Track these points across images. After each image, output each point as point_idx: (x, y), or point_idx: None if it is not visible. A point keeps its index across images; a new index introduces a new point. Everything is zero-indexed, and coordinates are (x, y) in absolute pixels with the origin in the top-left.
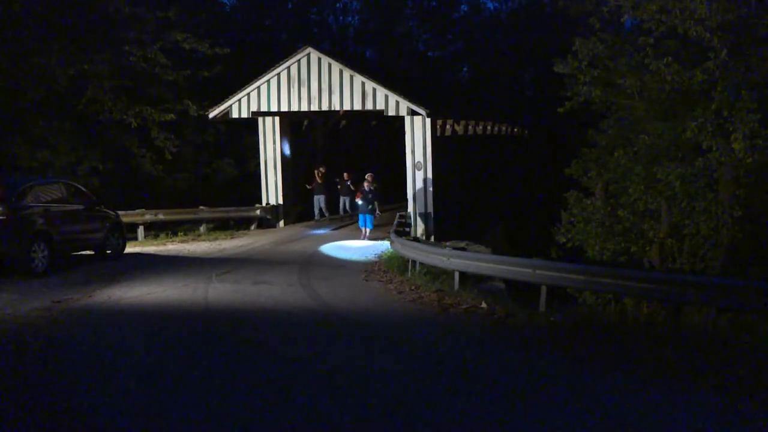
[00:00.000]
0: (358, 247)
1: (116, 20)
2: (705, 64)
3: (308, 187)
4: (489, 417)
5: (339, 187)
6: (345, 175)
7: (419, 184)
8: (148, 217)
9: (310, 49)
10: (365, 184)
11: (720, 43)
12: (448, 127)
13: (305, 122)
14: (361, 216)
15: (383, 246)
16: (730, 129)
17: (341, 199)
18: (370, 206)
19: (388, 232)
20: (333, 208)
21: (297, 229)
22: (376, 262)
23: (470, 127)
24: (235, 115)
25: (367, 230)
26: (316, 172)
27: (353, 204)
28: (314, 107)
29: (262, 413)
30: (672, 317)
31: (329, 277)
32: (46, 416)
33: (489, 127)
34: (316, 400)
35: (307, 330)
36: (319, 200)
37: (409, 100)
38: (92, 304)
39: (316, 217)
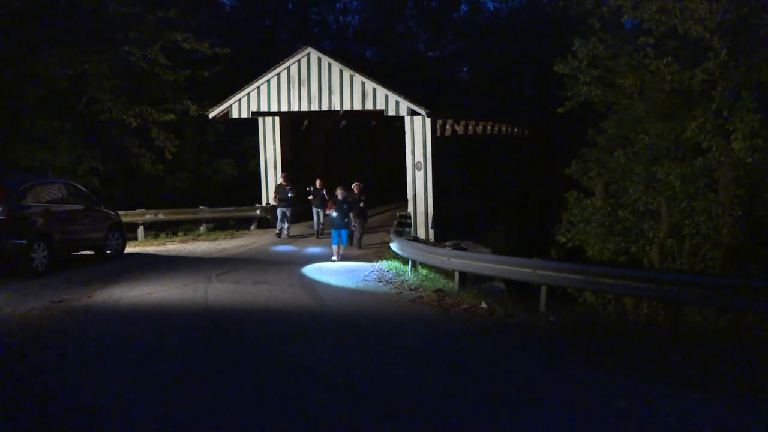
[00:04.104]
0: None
1: (116, 20)
2: (705, 64)
3: (273, 202)
4: (489, 416)
5: (311, 197)
6: (317, 182)
7: (419, 184)
8: (148, 217)
9: (310, 49)
10: (338, 193)
11: (720, 43)
12: (448, 127)
13: (305, 122)
14: (334, 231)
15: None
16: (730, 129)
17: (314, 211)
18: (345, 219)
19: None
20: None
21: (296, 229)
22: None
23: (470, 127)
24: (235, 115)
25: (341, 249)
26: (283, 178)
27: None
28: (314, 107)
29: (261, 413)
30: (672, 317)
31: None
32: (46, 416)
33: (489, 127)
34: (317, 401)
35: (308, 331)
36: (285, 213)
37: (409, 100)
38: (92, 304)
39: (276, 231)
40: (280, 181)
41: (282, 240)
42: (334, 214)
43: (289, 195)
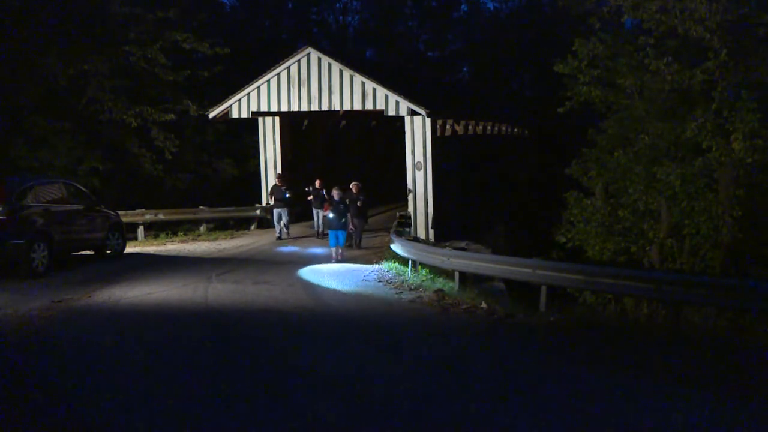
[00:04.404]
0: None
1: (116, 20)
2: (705, 64)
3: (270, 202)
4: (489, 417)
5: (311, 198)
6: (317, 182)
7: (419, 184)
8: (148, 217)
9: (310, 49)
10: (335, 194)
11: (720, 43)
12: (448, 127)
13: (305, 122)
14: (331, 233)
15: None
16: (730, 129)
17: (314, 211)
18: (342, 220)
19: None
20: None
21: (297, 229)
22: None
23: (470, 127)
24: (235, 115)
25: (339, 249)
26: (277, 179)
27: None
28: (314, 107)
29: (261, 413)
30: (672, 317)
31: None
32: (46, 416)
33: (489, 127)
34: (317, 400)
35: (308, 331)
36: (281, 214)
37: (409, 100)
38: (92, 304)
39: (276, 234)
40: (274, 182)
41: (282, 241)
42: (331, 215)
43: (287, 196)
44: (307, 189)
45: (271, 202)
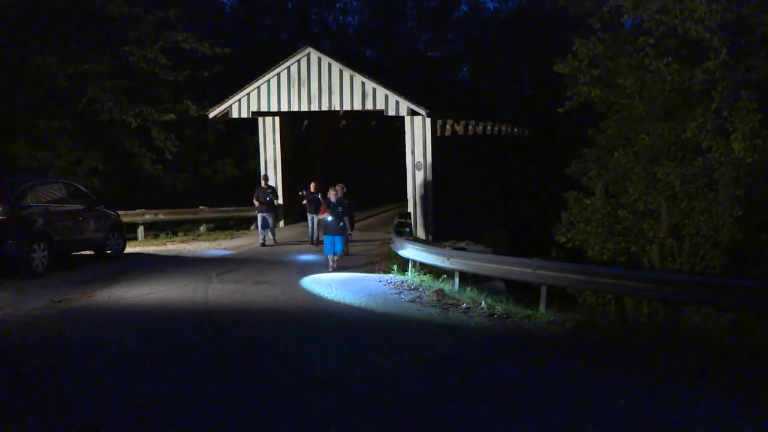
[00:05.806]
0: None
1: (116, 20)
2: (705, 64)
3: (255, 203)
4: (489, 418)
5: (305, 202)
6: (312, 186)
7: (419, 184)
8: (148, 217)
9: (310, 49)
10: (331, 195)
11: (720, 43)
12: (448, 127)
13: (305, 122)
14: (327, 238)
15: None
16: (730, 129)
17: (309, 216)
18: (340, 224)
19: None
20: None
21: (297, 229)
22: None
23: (470, 127)
24: (235, 115)
25: (336, 257)
26: (263, 180)
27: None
28: (314, 107)
29: (261, 414)
30: (672, 317)
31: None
32: (46, 415)
33: (489, 127)
34: (317, 400)
35: (308, 330)
36: (265, 218)
37: (409, 100)
38: (92, 304)
39: (260, 240)
40: (262, 183)
41: (279, 243)
42: (329, 218)
43: (267, 199)
44: (300, 193)
45: (256, 204)
